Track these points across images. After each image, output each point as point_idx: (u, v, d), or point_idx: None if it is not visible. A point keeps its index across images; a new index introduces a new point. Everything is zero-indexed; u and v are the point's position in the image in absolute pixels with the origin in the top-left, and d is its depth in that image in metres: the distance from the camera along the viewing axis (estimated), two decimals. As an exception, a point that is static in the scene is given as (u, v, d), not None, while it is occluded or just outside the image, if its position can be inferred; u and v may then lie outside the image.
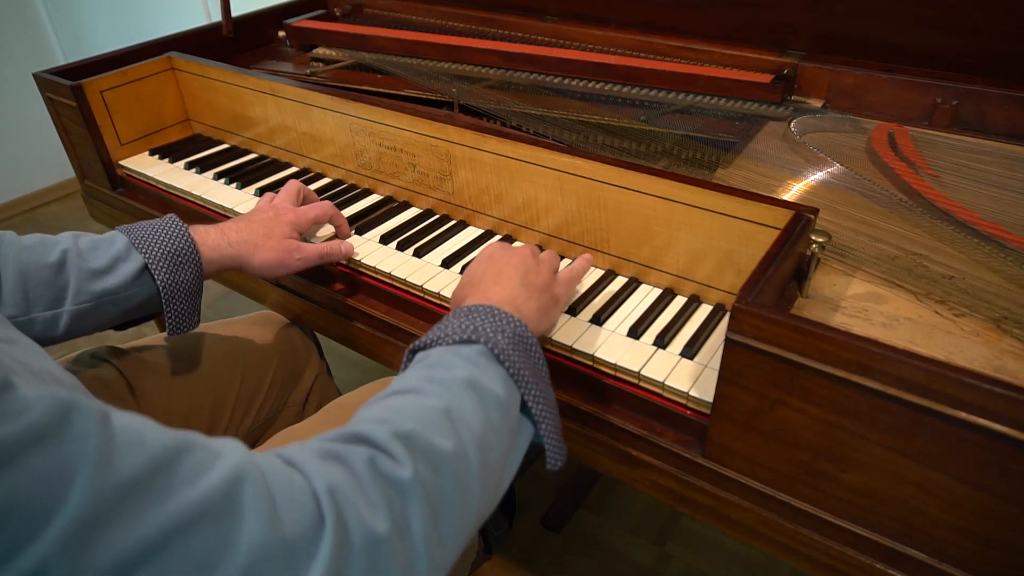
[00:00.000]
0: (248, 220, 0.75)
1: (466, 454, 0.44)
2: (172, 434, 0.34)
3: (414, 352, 0.52)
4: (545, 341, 0.66)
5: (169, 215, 0.71)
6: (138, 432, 0.33)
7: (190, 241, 0.69)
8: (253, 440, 0.86)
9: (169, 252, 0.67)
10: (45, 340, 0.65)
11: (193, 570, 0.31)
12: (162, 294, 0.67)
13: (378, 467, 0.40)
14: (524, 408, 0.51)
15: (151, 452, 0.32)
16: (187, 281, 0.69)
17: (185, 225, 0.70)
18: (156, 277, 0.66)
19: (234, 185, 0.96)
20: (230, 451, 0.36)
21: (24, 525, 0.28)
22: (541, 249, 0.78)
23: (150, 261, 0.66)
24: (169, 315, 0.69)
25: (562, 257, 0.77)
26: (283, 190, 0.81)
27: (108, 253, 0.66)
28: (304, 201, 0.82)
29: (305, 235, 0.80)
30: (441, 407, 0.45)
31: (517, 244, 0.80)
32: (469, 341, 0.50)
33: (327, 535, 0.35)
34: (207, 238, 0.71)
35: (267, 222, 0.75)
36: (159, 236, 0.68)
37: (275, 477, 0.36)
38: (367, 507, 0.38)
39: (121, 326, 0.72)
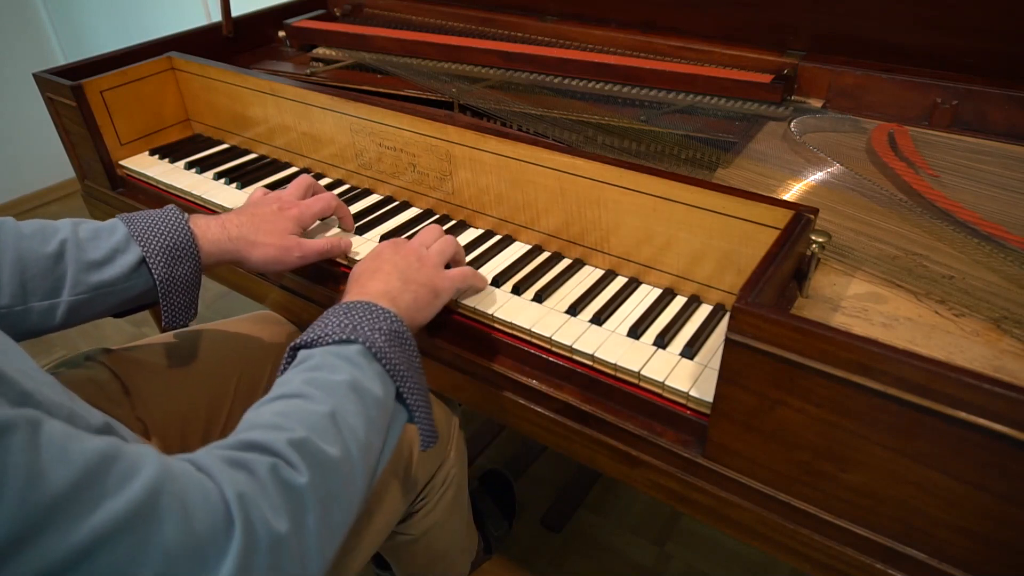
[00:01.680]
0: (251, 214, 0.74)
1: (351, 457, 0.48)
2: (94, 446, 0.36)
3: (295, 350, 0.55)
4: (545, 341, 0.66)
5: (169, 205, 0.70)
6: (63, 446, 0.35)
7: (189, 235, 0.68)
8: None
9: (168, 245, 0.67)
10: (42, 330, 0.65)
11: (114, 575, 0.34)
12: (159, 288, 0.67)
13: (280, 474, 0.43)
14: (399, 397, 0.56)
15: (76, 465, 0.34)
16: (185, 275, 0.68)
17: (186, 216, 0.69)
18: (153, 271, 0.66)
19: (234, 185, 0.96)
20: (149, 459, 0.38)
21: None
22: (541, 250, 0.78)
23: (148, 254, 0.66)
24: (165, 308, 0.68)
25: (561, 257, 0.77)
26: (293, 183, 0.80)
27: (107, 244, 0.65)
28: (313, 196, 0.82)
29: (308, 230, 0.79)
30: (327, 412, 0.48)
31: (516, 247, 0.80)
32: (348, 341, 0.54)
33: (236, 537, 0.39)
34: (207, 231, 0.71)
35: (269, 216, 0.74)
36: (159, 228, 0.67)
37: (188, 483, 0.39)
38: (271, 511, 0.42)
39: (120, 313, 0.72)
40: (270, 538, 0.41)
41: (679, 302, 0.69)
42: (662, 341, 0.63)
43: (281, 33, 1.22)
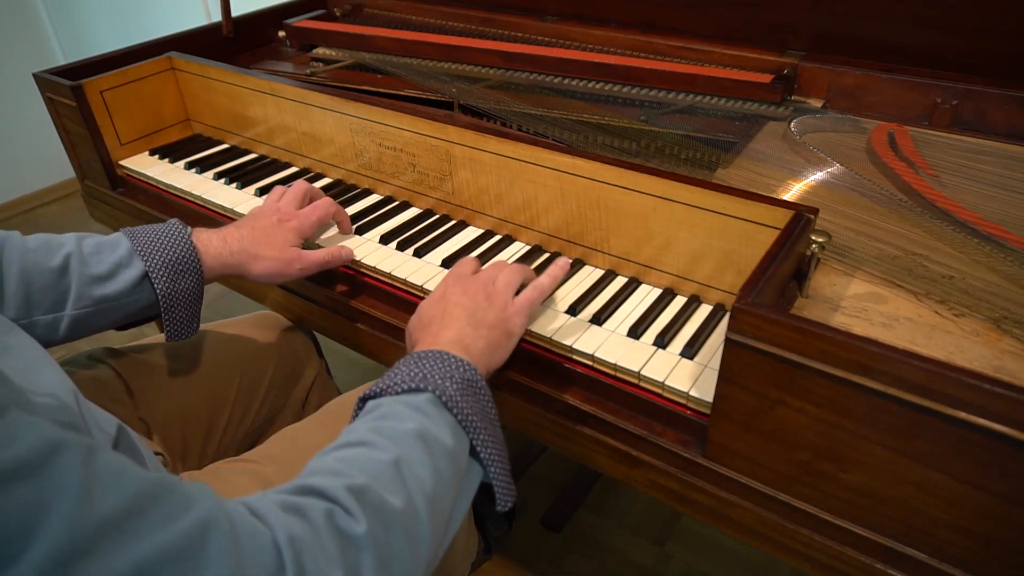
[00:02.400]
0: (251, 227, 0.75)
1: (416, 509, 0.46)
2: (150, 477, 0.36)
3: (364, 401, 0.53)
4: (545, 342, 0.66)
5: (173, 220, 0.71)
6: (119, 472, 0.35)
7: (192, 249, 0.69)
8: (252, 440, 0.86)
9: (170, 260, 0.67)
10: (46, 343, 0.65)
11: None
12: (161, 303, 0.67)
13: (335, 522, 0.42)
14: (473, 452, 0.53)
15: (129, 493, 0.34)
16: (187, 289, 0.69)
17: (188, 231, 0.70)
18: (156, 285, 0.67)
19: (234, 185, 0.96)
20: (202, 498, 0.38)
21: None
22: (542, 250, 0.78)
23: (151, 269, 0.66)
24: (168, 323, 0.69)
25: (560, 255, 0.77)
26: (290, 191, 0.80)
27: (110, 259, 0.66)
28: (310, 202, 0.82)
29: (309, 238, 0.79)
30: (391, 460, 0.46)
31: (516, 247, 0.80)
32: (418, 390, 0.51)
33: None
34: (209, 246, 0.71)
35: (269, 229, 0.74)
36: (162, 243, 0.68)
37: (241, 525, 0.38)
38: (324, 560, 0.40)
39: (123, 327, 0.73)
40: None
41: (679, 302, 0.69)
42: (662, 341, 0.63)
43: (281, 33, 1.22)
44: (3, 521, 0.29)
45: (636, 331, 0.65)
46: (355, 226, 0.84)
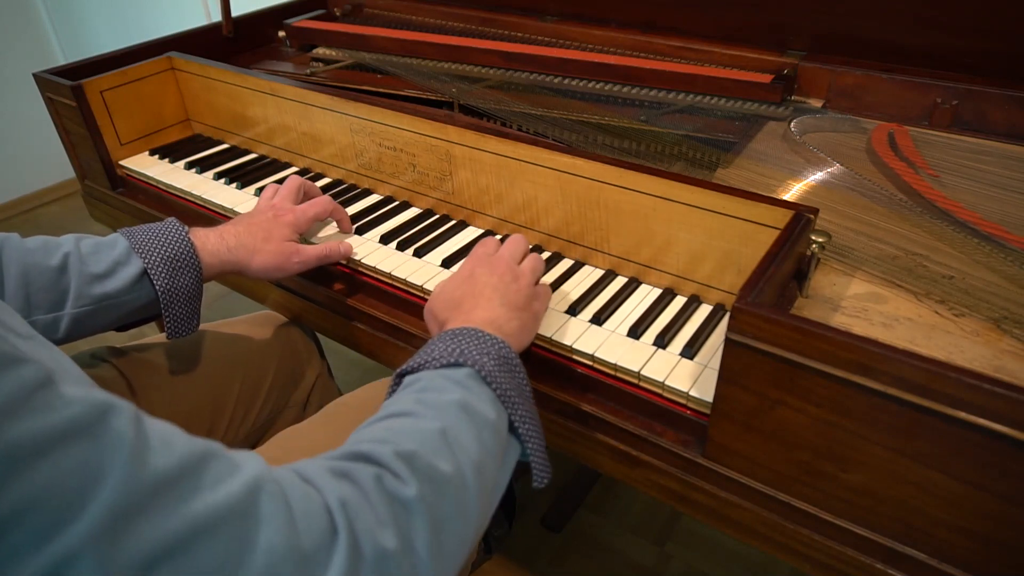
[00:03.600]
0: (247, 223, 0.75)
1: (464, 476, 0.45)
2: (198, 441, 0.36)
3: (401, 376, 0.53)
4: (545, 341, 0.66)
5: (170, 219, 0.71)
6: (168, 436, 0.35)
7: (190, 246, 0.69)
8: (254, 440, 0.86)
9: (168, 257, 0.67)
10: None
11: (214, 571, 0.33)
12: (161, 299, 0.67)
13: (385, 485, 0.41)
14: (511, 428, 0.52)
15: (179, 455, 0.34)
16: (186, 286, 0.69)
17: (186, 229, 0.70)
18: (155, 282, 0.67)
19: (234, 185, 0.96)
20: (250, 462, 0.38)
21: (57, 515, 0.29)
22: (541, 249, 0.78)
23: (149, 266, 0.66)
24: (168, 319, 0.69)
25: (561, 257, 0.77)
26: (283, 187, 0.81)
27: (109, 257, 0.66)
28: (305, 196, 0.82)
29: (306, 233, 0.79)
30: (438, 429, 0.46)
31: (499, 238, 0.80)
32: (457, 364, 0.51)
33: (340, 546, 0.37)
34: (207, 243, 0.71)
35: (266, 224, 0.75)
36: (159, 241, 0.68)
37: (291, 489, 0.38)
38: (376, 523, 0.39)
39: (122, 328, 0.73)
40: (375, 551, 0.38)
41: (679, 302, 0.69)
42: (662, 341, 0.63)
43: (281, 33, 1.22)
44: (62, 482, 0.30)
45: (636, 331, 0.65)
46: (355, 226, 0.84)
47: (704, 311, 0.68)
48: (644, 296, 0.71)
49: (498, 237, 0.77)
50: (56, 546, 0.29)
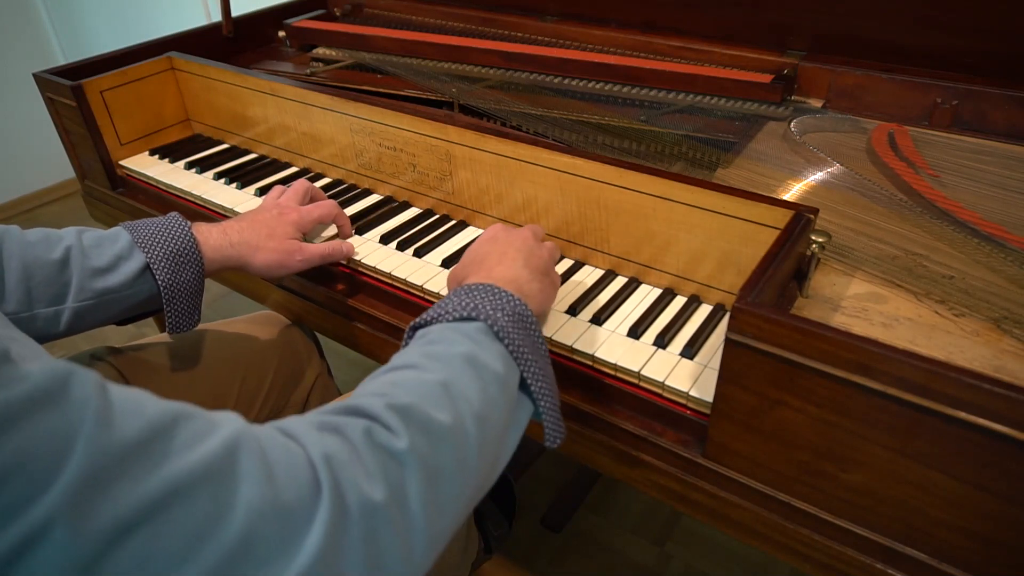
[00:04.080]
0: (251, 220, 0.75)
1: (464, 427, 0.44)
2: (170, 403, 0.36)
3: (415, 329, 0.53)
4: (546, 340, 0.66)
5: (172, 213, 0.71)
6: (136, 400, 0.34)
7: (192, 241, 0.69)
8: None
9: (171, 252, 0.67)
10: (47, 336, 0.65)
11: (192, 532, 0.32)
12: (162, 294, 0.67)
13: (374, 437, 0.40)
14: (523, 386, 0.52)
15: (149, 417, 0.34)
16: (188, 281, 0.69)
17: (188, 224, 0.70)
18: (157, 277, 0.67)
19: (234, 185, 0.96)
20: (228, 421, 0.37)
21: (29, 484, 0.29)
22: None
23: (152, 261, 0.66)
24: (169, 314, 0.69)
25: (562, 257, 0.77)
26: (291, 188, 0.81)
27: (111, 251, 0.66)
28: (311, 201, 0.82)
29: (308, 235, 0.79)
30: (439, 381, 0.45)
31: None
32: (469, 318, 0.51)
33: (324, 502, 0.36)
34: (209, 238, 0.71)
35: (270, 222, 0.75)
36: (162, 235, 0.68)
37: (272, 445, 0.37)
38: (363, 476, 0.38)
39: (123, 322, 0.73)
40: (362, 504, 0.37)
41: (679, 302, 0.69)
42: (662, 341, 0.63)
43: (281, 33, 1.22)
44: (29, 453, 0.29)
45: (636, 331, 0.65)
46: (355, 226, 0.84)
47: (704, 311, 0.68)
48: (644, 296, 0.71)
49: None
50: (28, 518, 0.29)
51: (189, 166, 1.01)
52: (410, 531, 0.40)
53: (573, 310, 0.68)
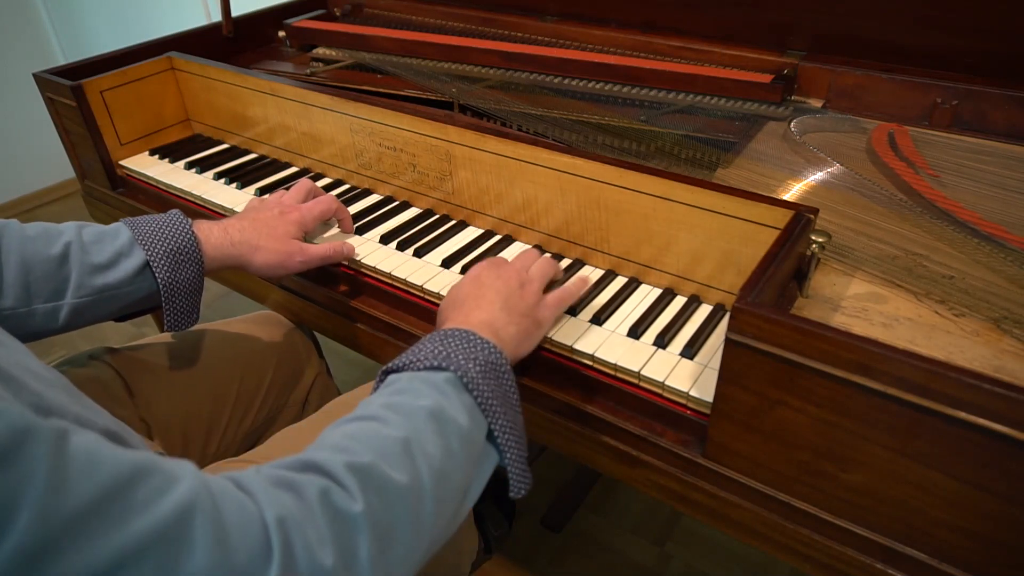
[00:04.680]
0: (252, 219, 0.74)
1: (421, 487, 0.44)
2: (127, 459, 0.34)
3: (386, 374, 0.53)
4: (545, 341, 0.66)
5: (173, 210, 0.70)
6: (93, 457, 0.33)
7: (193, 239, 0.69)
8: (253, 440, 0.86)
9: (171, 250, 0.67)
10: (45, 332, 0.65)
11: None
12: (162, 292, 0.67)
13: (330, 500, 0.40)
14: (490, 436, 0.52)
15: (104, 478, 0.33)
16: (188, 279, 0.68)
17: (189, 221, 0.70)
18: (157, 275, 0.66)
19: (234, 185, 0.96)
20: (184, 477, 0.36)
21: None
22: (542, 250, 0.78)
23: (152, 258, 0.66)
24: (168, 312, 0.69)
25: (561, 257, 0.77)
26: (293, 188, 0.80)
27: (111, 248, 0.66)
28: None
29: (310, 232, 0.79)
30: (401, 438, 0.45)
31: (516, 247, 0.80)
32: (439, 368, 0.51)
33: (274, 565, 0.36)
34: (210, 236, 0.71)
35: (271, 221, 0.74)
36: (162, 232, 0.67)
37: (226, 504, 0.37)
38: (316, 539, 0.38)
39: (122, 318, 0.72)
40: (311, 569, 0.37)
41: (679, 302, 0.69)
42: (662, 341, 0.63)
43: (281, 33, 1.22)
44: None
45: (636, 331, 0.65)
46: (355, 226, 0.84)
47: (704, 311, 0.68)
48: (644, 296, 0.71)
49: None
50: None
51: (189, 166, 1.01)
52: None
53: (573, 310, 0.68)
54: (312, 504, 0.39)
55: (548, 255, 0.69)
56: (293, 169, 0.99)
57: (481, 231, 0.83)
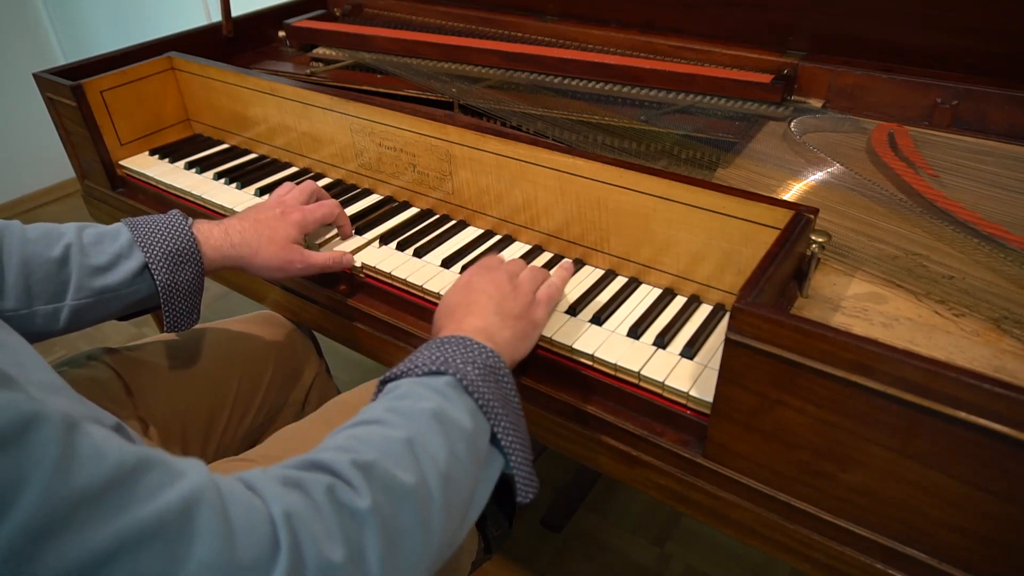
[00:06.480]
0: (253, 219, 0.74)
1: (428, 488, 0.44)
2: (135, 451, 0.35)
3: (384, 383, 0.53)
4: (545, 341, 0.66)
5: (174, 211, 0.70)
6: (100, 446, 0.33)
7: (192, 241, 0.68)
8: (253, 439, 0.86)
9: (170, 251, 0.67)
10: (46, 333, 0.65)
11: None
12: (160, 294, 0.67)
13: (336, 496, 0.40)
14: (494, 439, 0.51)
15: (109, 466, 0.33)
16: (187, 281, 0.68)
17: (189, 222, 0.70)
18: (156, 277, 0.66)
19: (234, 185, 0.96)
20: (192, 472, 0.36)
21: None
22: (542, 250, 0.78)
23: (151, 260, 0.66)
24: (167, 313, 0.69)
25: (561, 257, 0.77)
26: (297, 188, 0.80)
27: (110, 249, 0.66)
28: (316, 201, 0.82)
29: (310, 235, 0.79)
30: (404, 438, 0.45)
31: (517, 247, 0.80)
32: (438, 372, 0.51)
33: (281, 560, 0.36)
34: (210, 237, 0.71)
35: (272, 222, 0.74)
36: (162, 234, 0.67)
37: (233, 500, 0.37)
38: (323, 535, 0.38)
39: (123, 318, 0.72)
40: (319, 564, 0.37)
41: (679, 302, 0.69)
42: (662, 341, 0.63)
43: (281, 33, 1.22)
44: None
45: (636, 331, 0.65)
46: (355, 226, 0.84)
47: (704, 311, 0.68)
48: (644, 296, 0.71)
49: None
50: None
51: (189, 166, 1.01)
52: None
53: (573, 310, 0.68)
54: (319, 500, 0.39)
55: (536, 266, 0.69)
56: (293, 169, 0.99)
57: (481, 231, 0.83)
